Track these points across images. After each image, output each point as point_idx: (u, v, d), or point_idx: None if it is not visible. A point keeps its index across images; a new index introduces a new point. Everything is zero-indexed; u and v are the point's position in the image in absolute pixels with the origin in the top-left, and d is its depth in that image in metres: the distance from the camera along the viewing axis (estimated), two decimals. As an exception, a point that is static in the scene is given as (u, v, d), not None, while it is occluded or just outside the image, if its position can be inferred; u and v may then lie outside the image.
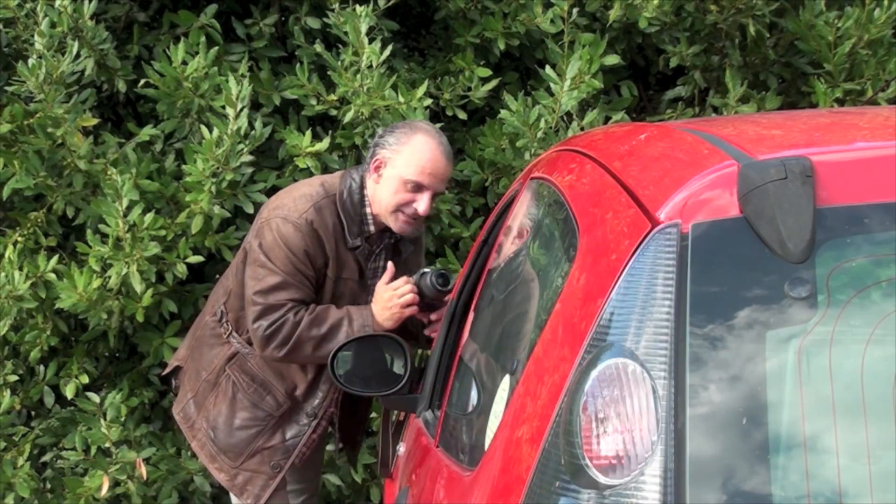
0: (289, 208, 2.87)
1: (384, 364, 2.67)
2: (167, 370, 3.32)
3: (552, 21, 3.86)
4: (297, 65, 3.78)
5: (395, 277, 2.90)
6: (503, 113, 3.72)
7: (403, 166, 2.81)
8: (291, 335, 2.83)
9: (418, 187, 2.81)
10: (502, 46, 4.01)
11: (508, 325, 1.98)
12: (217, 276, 3.92)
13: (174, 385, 3.29)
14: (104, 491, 3.52)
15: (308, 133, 3.67)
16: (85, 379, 3.71)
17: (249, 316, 2.89)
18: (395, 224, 2.86)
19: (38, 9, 3.55)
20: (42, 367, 3.82)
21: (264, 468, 3.02)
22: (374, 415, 3.56)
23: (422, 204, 2.81)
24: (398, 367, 2.63)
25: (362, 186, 2.89)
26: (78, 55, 3.58)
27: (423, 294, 2.85)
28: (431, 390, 2.41)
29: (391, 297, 2.84)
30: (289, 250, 2.83)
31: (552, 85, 3.69)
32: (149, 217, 3.42)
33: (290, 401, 3.01)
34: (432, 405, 2.38)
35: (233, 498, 3.17)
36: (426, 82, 3.70)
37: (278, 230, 2.84)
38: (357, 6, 3.62)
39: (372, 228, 2.91)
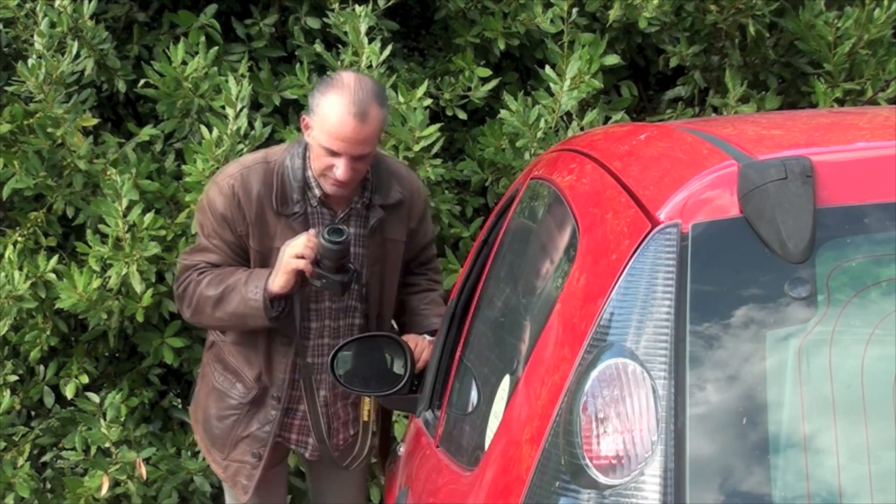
0: (222, 173, 2.84)
1: (384, 364, 2.67)
2: None
3: (552, 21, 3.86)
4: (297, 65, 3.78)
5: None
6: (503, 113, 3.72)
7: (318, 131, 2.67)
8: (193, 295, 2.79)
9: (332, 153, 2.66)
10: (502, 46, 4.01)
11: (508, 326, 1.98)
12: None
13: None
14: (104, 491, 3.51)
15: (308, 133, 3.67)
16: (85, 379, 3.70)
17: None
18: (326, 186, 2.74)
19: (38, 9, 3.55)
20: (42, 367, 3.81)
21: (247, 458, 2.97)
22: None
23: (338, 169, 2.66)
24: (398, 367, 2.63)
25: (306, 149, 2.79)
26: (78, 55, 3.59)
27: (322, 251, 2.67)
28: (431, 390, 2.41)
29: (284, 247, 2.71)
30: (210, 213, 2.79)
31: (552, 85, 3.69)
32: (149, 217, 3.42)
33: (258, 386, 2.92)
34: (432, 405, 2.38)
35: (227, 492, 3.15)
36: (426, 82, 3.70)
37: (207, 193, 2.83)
38: (357, 6, 3.62)
39: (318, 192, 2.78)
